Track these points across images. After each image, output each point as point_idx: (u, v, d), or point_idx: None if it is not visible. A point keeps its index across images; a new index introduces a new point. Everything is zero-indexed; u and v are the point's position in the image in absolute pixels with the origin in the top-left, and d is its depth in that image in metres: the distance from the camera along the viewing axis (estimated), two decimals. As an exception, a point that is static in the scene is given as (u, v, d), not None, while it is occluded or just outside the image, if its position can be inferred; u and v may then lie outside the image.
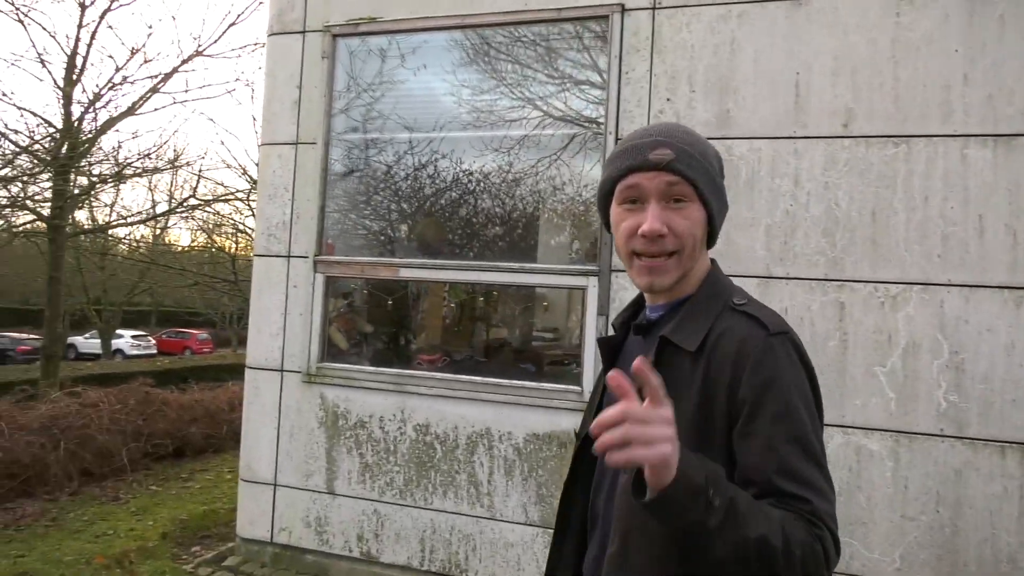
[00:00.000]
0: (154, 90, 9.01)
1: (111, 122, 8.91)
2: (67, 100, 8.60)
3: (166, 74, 9.17)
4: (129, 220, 10.20)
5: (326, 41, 4.44)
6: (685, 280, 1.20)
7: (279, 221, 4.52)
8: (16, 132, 8.20)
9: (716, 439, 1.08)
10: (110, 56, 8.52)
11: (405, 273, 4.29)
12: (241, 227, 12.66)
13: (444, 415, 4.06)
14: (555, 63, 4.10)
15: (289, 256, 4.48)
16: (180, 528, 5.06)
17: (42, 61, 8.25)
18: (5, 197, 8.40)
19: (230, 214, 12.64)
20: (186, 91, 20.27)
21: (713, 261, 1.27)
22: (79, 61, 8.56)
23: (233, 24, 9.49)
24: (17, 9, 7.92)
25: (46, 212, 8.71)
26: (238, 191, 11.58)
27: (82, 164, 8.91)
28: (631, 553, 1.10)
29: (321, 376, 4.35)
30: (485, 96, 4.23)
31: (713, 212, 1.20)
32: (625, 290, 3.81)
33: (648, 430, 0.88)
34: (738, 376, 1.07)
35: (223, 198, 11.14)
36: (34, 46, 8.65)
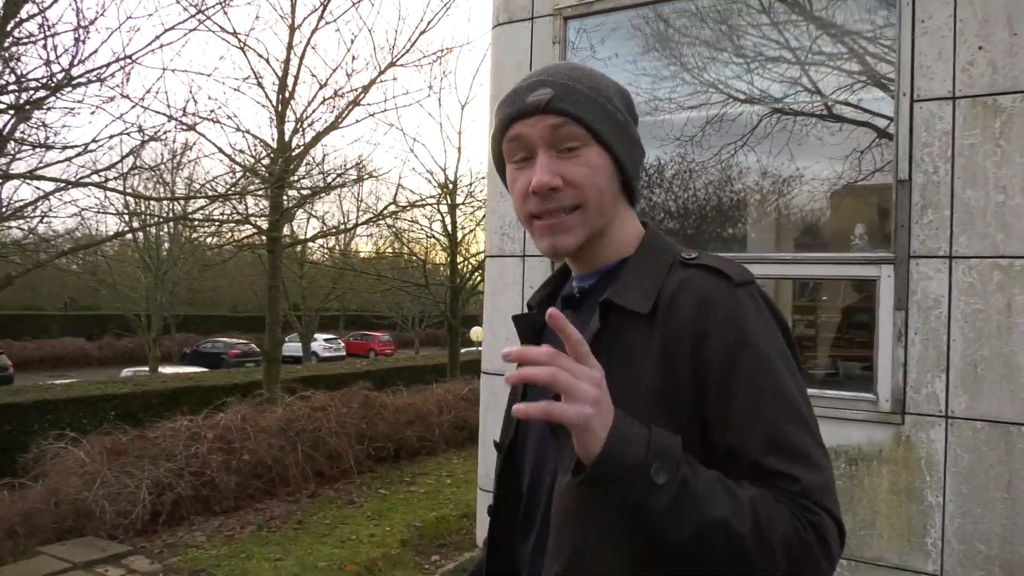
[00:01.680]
0: (355, 103, 9.35)
1: (317, 137, 9.34)
2: (280, 119, 9.11)
3: (365, 86, 9.49)
4: (339, 229, 10.74)
5: (557, 25, 4.16)
6: (608, 241, 1.03)
7: (512, 219, 4.31)
8: (241, 152, 8.81)
9: (684, 412, 0.91)
10: (313, 75, 9.10)
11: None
12: (429, 232, 13.01)
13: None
14: (835, 24, 3.55)
15: (524, 256, 4.27)
16: (416, 535, 5.02)
17: (259, 83, 8.78)
18: (235, 213, 9.03)
19: (416, 220, 13.05)
20: (384, 101, 21.29)
21: (647, 224, 1.08)
22: (290, 81, 9.04)
23: (423, 32, 9.57)
24: (237, 36, 8.46)
25: (264, 225, 9.29)
26: (428, 197, 11.84)
27: (294, 179, 9.39)
28: (583, 572, 0.92)
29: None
30: (729, 68, 3.76)
31: (620, 156, 1.01)
32: (928, 279, 3.20)
33: (573, 383, 0.79)
34: (703, 336, 0.91)
35: (417, 204, 11.44)
36: (253, 71, 9.10)
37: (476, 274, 12.77)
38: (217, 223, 9.21)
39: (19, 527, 5.42)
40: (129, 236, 14.57)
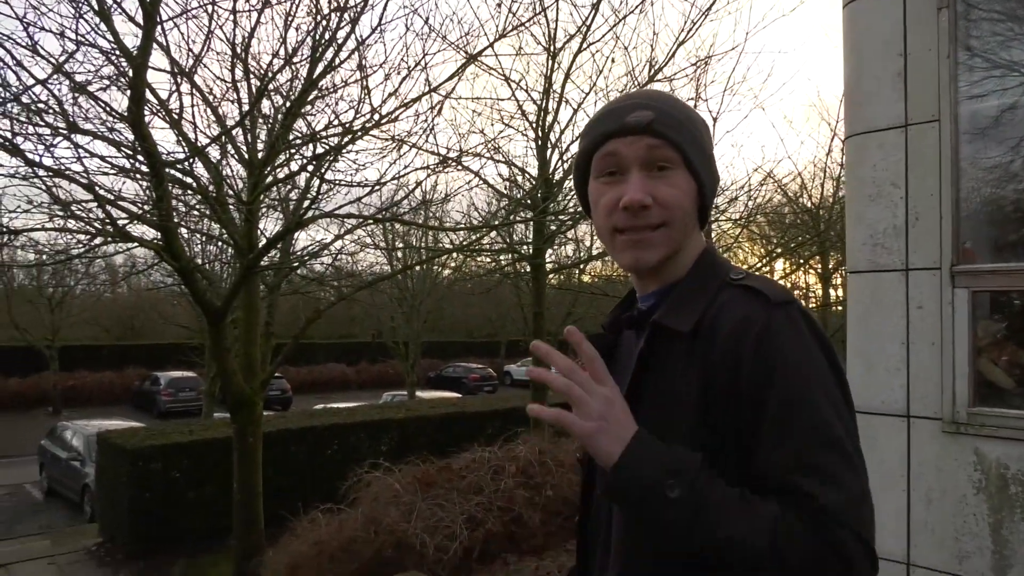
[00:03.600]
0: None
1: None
2: (542, 147, 9.06)
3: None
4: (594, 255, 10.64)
5: (947, -16, 3.40)
6: (676, 261, 1.08)
7: (887, 227, 3.59)
8: (507, 181, 8.89)
9: (722, 431, 0.95)
10: (567, 101, 9.03)
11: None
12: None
13: None
14: None
15: (907, 270, 3.53)
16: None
17: (523, 113, 8.82)
18: (500, 242, 9.14)
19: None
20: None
21: (708, 242, 1.13)
22: (551, 106, 8.98)
23: (681, 43, 9.05)
24: (506, 77, 8.56)
25: (528, 251, 9.30)
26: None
27: (554, 204, 9.30)
28: None
29: (974, 425, 3.26)
30: None
31: (703, 182, 1.07)
32: None
33: (583, 398, 0.91)
34: (740, 357, 0.94)
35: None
36: (518, 104, 9.13)
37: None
38: (490, 251, 9.36)
39: (339, 553, 5.61)
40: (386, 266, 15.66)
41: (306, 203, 5.69)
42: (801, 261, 13.48)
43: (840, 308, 14.08)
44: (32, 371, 24.63)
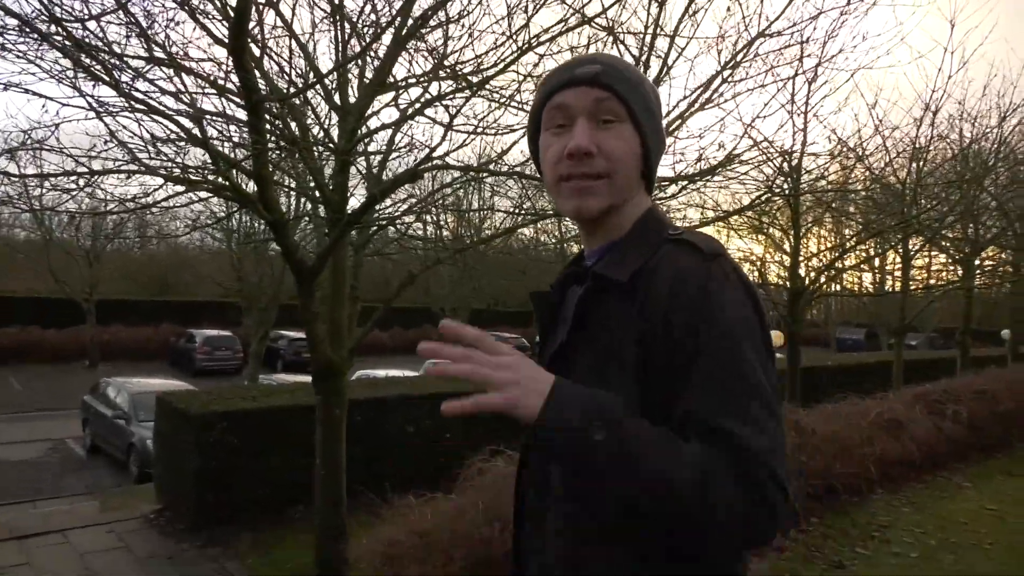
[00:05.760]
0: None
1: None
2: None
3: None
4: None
5: None
6: (620, 216, 1.14)
7: None
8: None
9: (654, 376, 1.00)
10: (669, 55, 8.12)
11: None
12: (762, 224, 11.47)
13: None
14: None
15: None
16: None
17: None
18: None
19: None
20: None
21: (652, 202, 1.19)
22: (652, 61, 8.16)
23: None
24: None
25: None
26: (767, 187, 10.38)
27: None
28: (586, 561, 1.04)
29: None
30: None
31: (648, 141, 1.13)
32: None
33: (489, 374, 0.94)
34: (674, 307, 1.00)
35: (759, 199, 10.06)
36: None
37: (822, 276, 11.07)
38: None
39: (449, 546, 5.02)
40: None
41: (425, 151, 4.98)
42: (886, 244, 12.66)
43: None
44: (69, 323, 24.37)
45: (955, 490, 6.72)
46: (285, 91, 5.56)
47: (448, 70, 4.40)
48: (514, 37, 4.53)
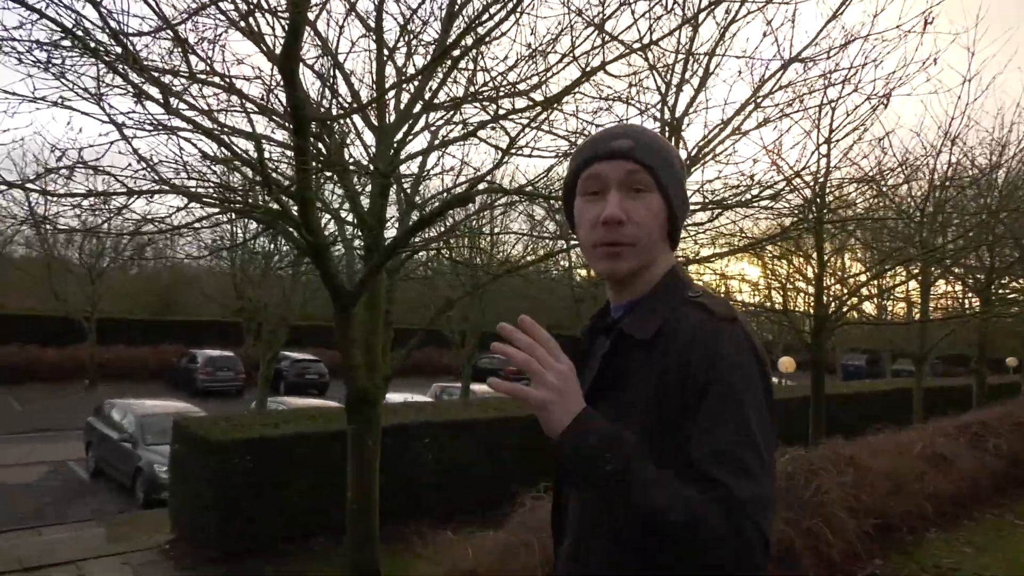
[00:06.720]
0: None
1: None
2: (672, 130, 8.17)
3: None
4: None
5: None
6: (646, 274, 1.25)
7: None
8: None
9: (670, 426, 1.11)
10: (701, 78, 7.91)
11: None
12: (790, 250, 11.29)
13: None
14: None
15: None
16: None
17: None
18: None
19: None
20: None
21: (675, 263, 1.30)
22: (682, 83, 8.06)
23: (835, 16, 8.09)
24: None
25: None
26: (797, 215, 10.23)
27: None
28: (586, 552, 1.20)
29: None
30: None
31: (674, 206, 1.25)
32: None
33: (540, 371, 1.07)
34: (688, 361, 1.11)
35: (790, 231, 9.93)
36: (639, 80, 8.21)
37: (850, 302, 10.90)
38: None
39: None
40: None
41: (474, 173, 4.83)
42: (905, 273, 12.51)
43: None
44: (68, 342, 23.98)
45: (1010, 529, 6.52)
46: (328, 111, 5.41)
47: (510, 87, 4.23)
48: (575, 58, 4.39)
